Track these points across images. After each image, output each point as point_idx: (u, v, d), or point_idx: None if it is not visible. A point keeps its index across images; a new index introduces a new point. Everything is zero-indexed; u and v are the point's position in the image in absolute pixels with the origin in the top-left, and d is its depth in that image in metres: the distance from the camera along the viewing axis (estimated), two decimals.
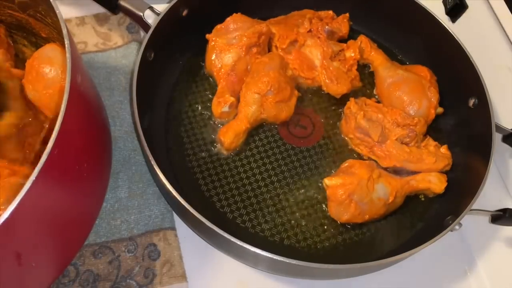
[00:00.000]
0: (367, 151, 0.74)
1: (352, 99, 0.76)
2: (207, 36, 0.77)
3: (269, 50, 0.80)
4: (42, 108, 0.59)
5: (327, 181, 0.68)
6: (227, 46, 0.76)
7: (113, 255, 0.64)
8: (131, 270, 0.63)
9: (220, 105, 0.73)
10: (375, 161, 0.74)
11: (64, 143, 0.44)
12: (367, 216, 0.68)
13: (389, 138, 0.73)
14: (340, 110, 0.79)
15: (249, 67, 0.76)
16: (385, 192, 0.68)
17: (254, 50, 0.77)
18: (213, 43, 0.76)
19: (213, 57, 0.76)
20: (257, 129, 0.75)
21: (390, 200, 0.68)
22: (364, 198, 0.67)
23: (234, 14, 0.78)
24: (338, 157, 0.75)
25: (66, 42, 0.47)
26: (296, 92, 0.77)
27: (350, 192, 0.66)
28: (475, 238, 0.76)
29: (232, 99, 0.73)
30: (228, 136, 0.71)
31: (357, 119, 0.73)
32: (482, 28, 0.82)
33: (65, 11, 0.82)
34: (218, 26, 0.77)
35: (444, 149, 0.74)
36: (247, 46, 0.76)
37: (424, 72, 0.80)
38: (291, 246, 0.67)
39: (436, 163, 0.72)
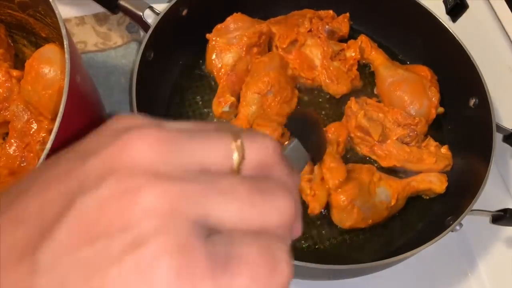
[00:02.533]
0: (367, 150, 0.74)
1: (352, 99, 0.75)
2: (208, 35, 0.77)
3: (269, 50, 0.80)
4: (41, 108, 0.59)
5: None
6: (228, 45, 0.75)
7: None
8: None
9: (220, 105, 0.73)
10: (375, 161, 0.74)
11: (62, 144, 0.44)
12: (371, 220, 0.67)
13: (390, 138, 0.73)
14: (340, 110, 0.78)
15: (249, 67, 0.76)
16: (386, 195, 0.68)
17: (255, 50, 0.76)
18: (213, 42, 0.76)
19: (214, 56, 0.76)
20: None
21: (392, 203, 0.68)
22: (366, 203, 0.66)
23: (235, 13, 0.77)
24: None
25: (65, 42, 0.47)
26: (296, 91, 0.77)
27: (352, 198, 0.66)
28: (476, 238, 0.76)
29: (233, 99, 0.73)
30: None
31: (357, 118, 0.72)
32: (482, 28, 0.82)
33: (64, 11, 0.81)
34: (219, 26, 0.77)
35: (444, 150, 0.74)
36: (247, 46, 0.75)
37: (424, 71, 0.79)
38: (291, 246, 0.67)
39: (437, 163, 0.72)
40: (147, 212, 0.19)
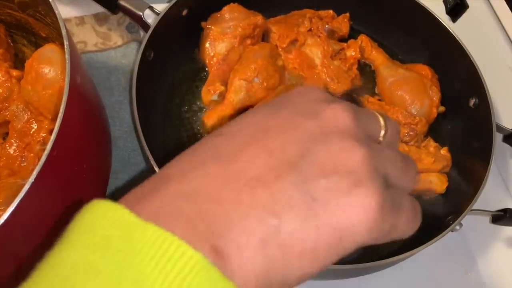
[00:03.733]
0: None
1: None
2: (203, 23, 0.77)
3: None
4: (41, 108, 0.59)
5: None
6: (221, 35, 0.75)
7: None
8: None
9: (209, 93, 0.73)
10: None
11: (63, 145, 0.44)
12: None
13: None
14: None
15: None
16: None
17: (248, 41, 0.76)
18: (208, 30, 0.76)
19: (207, 44, 0.76)
20: None
21: None
22: None
23: (231, 3, 0.77)
24: None
25: (65, 43, 0.47)
26: (286, 82, 0.76)
27: None
28: (476, 238, 0.76)
29: (222, 88, 0.73)
30: (211, 119, 0.71)
31: None
32: (483, 28, 0.82)
33: (64, 11, 0.81)
34: (214, 14, 0.77)
35: (444, 151, 0.73)
36: (241, 36, 0.75)
37: (425, 70, 0.79)
38: None
39: (435, 164, 0.72)
40: (362, 165, 0.28)
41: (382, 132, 0.33)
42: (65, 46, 0.47)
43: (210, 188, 0.27)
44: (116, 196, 0.29)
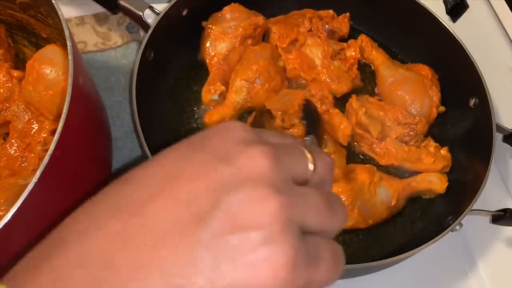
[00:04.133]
0: (367, 148, 0.74)
1: (354, 96, 0.75)
2: (203, 23, 0.77)
3: None
4: (42, 109, 0.59)
5: None
6: (222, 34, 0.75)
7: None
8: None
9: (210, 92, 0.73)
10: (373, 158, 0.74)
11: (66, 145, 0.44)
12: (371, 221, 0.68)
13: (389, 136, 0.73)
14: (341, 109, 0.78)
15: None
16: (387, 195, 0.68)
17: (249, 41, 0.76)
18: (208, 30, 0.76)
19: (208, 44, 0.76)
20: None
21: (393, 203, 0.68)
22: (367, 203, 0.67)
23: (232, 3, 0.77)
24: None
25: (68, 44, 0.47)
26: (286, 83, 0.76)
27: (353, 198, 0.66)
28: (476, 238, 0.76)
29: (223, 88, 0.73)
30: (212, 119, 0.71)
31: (358, 115, 0.72)
32: (483, 28, 0.82)
33: (64, 11, 0.80)
34: (215, 14, 0.77)
35: (444, 151, 0.74)
36: (242, 36, 0.75)
37: (425, 70, 0.79)
38: None
39: (435, 164, 0.72)
40: (274, 218, 0.26)
41: (311, 167, 0.30)
42: (68, 47, 0.47)
43: (105, 250, 0.25)
44: None
